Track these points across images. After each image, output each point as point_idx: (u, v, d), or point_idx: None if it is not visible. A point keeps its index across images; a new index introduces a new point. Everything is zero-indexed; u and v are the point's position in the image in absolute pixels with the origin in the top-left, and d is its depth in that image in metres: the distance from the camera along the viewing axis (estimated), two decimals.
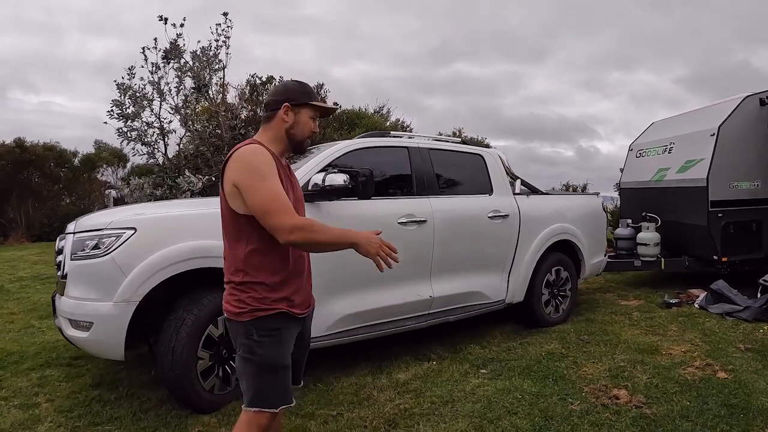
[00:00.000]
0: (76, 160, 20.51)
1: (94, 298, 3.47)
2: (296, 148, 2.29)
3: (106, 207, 6.70)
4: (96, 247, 3.50)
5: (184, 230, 3.62)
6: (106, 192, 7.56)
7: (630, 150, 9.34)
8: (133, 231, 3.49)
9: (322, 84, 11.09)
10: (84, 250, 3.54)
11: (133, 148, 7.19)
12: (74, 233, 3.71)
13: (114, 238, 3.48)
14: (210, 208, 3.79)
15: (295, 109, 2.23)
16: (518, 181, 5.83)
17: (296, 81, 2.37)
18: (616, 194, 15.59)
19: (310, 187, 3.94)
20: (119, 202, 6.88)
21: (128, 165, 20.54)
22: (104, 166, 21.39)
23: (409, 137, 5.20)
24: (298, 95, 2.26)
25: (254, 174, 2.03)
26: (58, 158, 19.61)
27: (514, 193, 5.61)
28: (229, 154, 2.13)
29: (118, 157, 20.82)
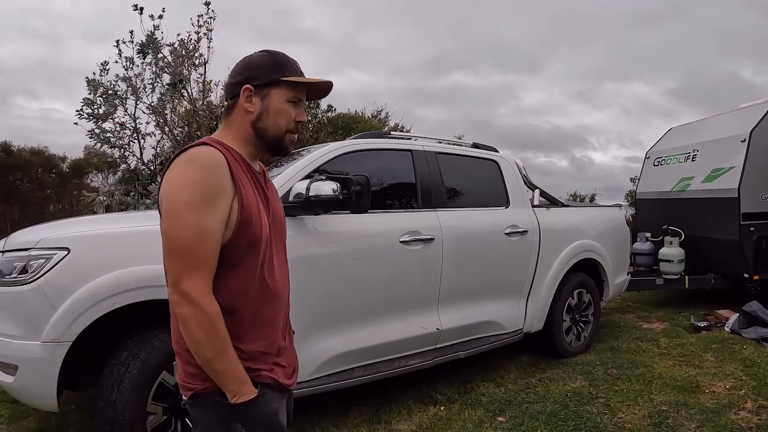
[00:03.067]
0: (65, 166, 20.03)
1: (19, 336, 2.77)
2: (273, 147, 1.60)
3: (95, 214, 6.08)
4: (23, 270, 2.79)
5: (129, 251, 2.88)
6: (82, 198, 6.84)
7: (647, 158, 8.71)
8: (65, 252, 2.77)
9: None
10: (11, 273, 2.83)
11: (104, 152, 6.54)
12: (3, 252, 3.00)
13: (43, 260, 2.77)
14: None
15: (262, 92, 1.54)
16: (537, 192, 5.12)
17: (265, 51, 1.63)
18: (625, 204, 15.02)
19: (291, 198, 3.22)
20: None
21: (119, 171, 19.95)
22: (94, 171, 20.77)
23: (413, 139, 4.50)
24: (265, 71, 1.55)
25: (181, 193, 1.38)
26: (45, 163, 19.14)
27: (533, 206, 4.91)
28: (170, 159, 1.47)
29: (108, 164, 20.28)
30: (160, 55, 6.41)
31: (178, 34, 6.50)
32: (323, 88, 1.66)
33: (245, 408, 1.43)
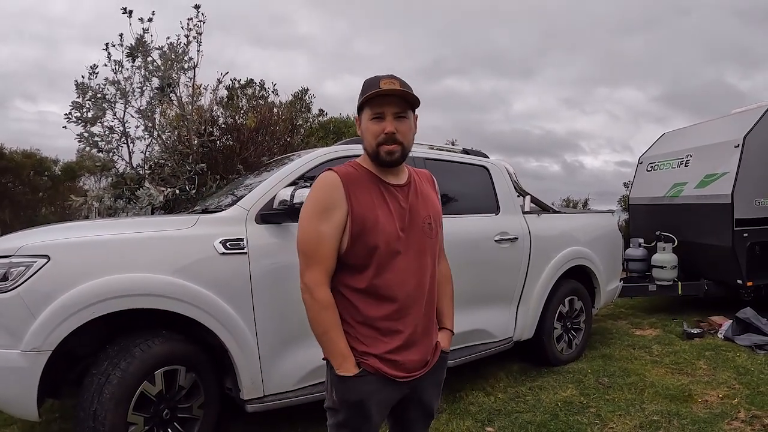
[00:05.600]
0: (57, 169, 19.92)
1: None
2: (377, 161, 1.85)
3: (87, 218, 6.00)
4: (4, 278, 2.73)
5: (110, 260, 2.83)
6: (70, 202, 6.76)
7: (639, 163, 8.68)
8: (45, 260, 2.71)
9: (307, 89, 10.40)
10: None
11: (93, 156, 6.46)
12: None
13: (23, 268, 2.71)
14: (148, 230, 3.03)
15: (359, 118, 1.88)
16: (527, 198, 5.06)
17: (366, 79, 1.88)
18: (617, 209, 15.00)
19: (275, 205, 3.17)
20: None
21: (111, 175, 19.75)
22: (86, 174, 20.65)
23: None
24: (359, 98, 1.84)
25: (304, 207, 1.83)
26: (37, 166, 19.02)
27: (524, 212, 4.86)
28: None
29: (99, 167, 20.10)
30: (149, 59, 6.34)
31: (168, 38, 6.46)
32: (401, 96, 1.78)
33: (339, 380, 1.75)
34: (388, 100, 1.77)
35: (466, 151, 4.83)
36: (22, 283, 2.67)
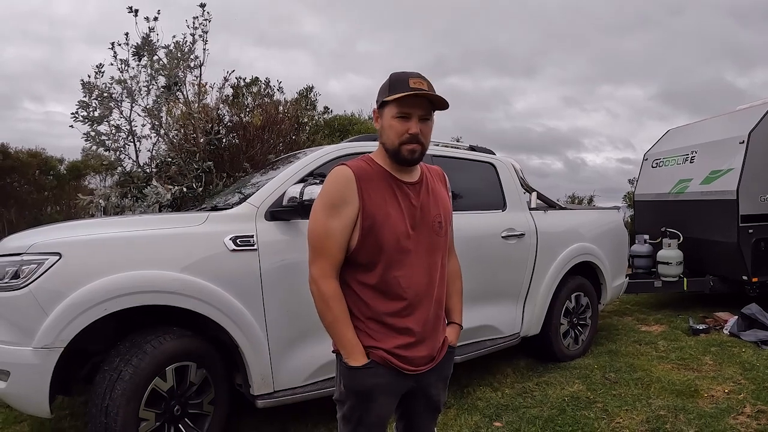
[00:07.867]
0: (62, 168, 19.96)
1: (11, 342, 2.73)
2: (395, 158, 1.85)
3: (93, 216, 6.04)
4: (15, 275, 2.76)
5: (121, 257, 2.85)
6: (77, 201, 6.80)
7: (645, 159, 8.66)
8: (57, 257, 2.73)
9: (312, 87, 10.41)
10: (4, 278, 2.80)
11: (100, 155, 6.50)
12: None
13: (35, 265, 2.73)
14: (158, 227, 3.05)
15: (381, 112, 1.87)
16: (534, 194, 5.06)
17: (391, 74, 1.86)
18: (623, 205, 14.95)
19: (285, 202, 3.19)
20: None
21: (116, 174, 19.78)
22: (92, 173, 20.68)
23: None
24: (381, 94, 1.85)
25: (317, 200, 1.85)
26: (43, 165, 19.05)
27: (530, 208, 4.87)
28: None
29: (105, 166, 20.07)
30: (155, 57, 6.37)
31: (173, 36, 6.48)
32: (437, 100, 1.80)
33: (348, 370, 1.79)
34: (417, 101, 1.77)
35: (472, 148, 4.84)
36: (34, 280, 2.69)
